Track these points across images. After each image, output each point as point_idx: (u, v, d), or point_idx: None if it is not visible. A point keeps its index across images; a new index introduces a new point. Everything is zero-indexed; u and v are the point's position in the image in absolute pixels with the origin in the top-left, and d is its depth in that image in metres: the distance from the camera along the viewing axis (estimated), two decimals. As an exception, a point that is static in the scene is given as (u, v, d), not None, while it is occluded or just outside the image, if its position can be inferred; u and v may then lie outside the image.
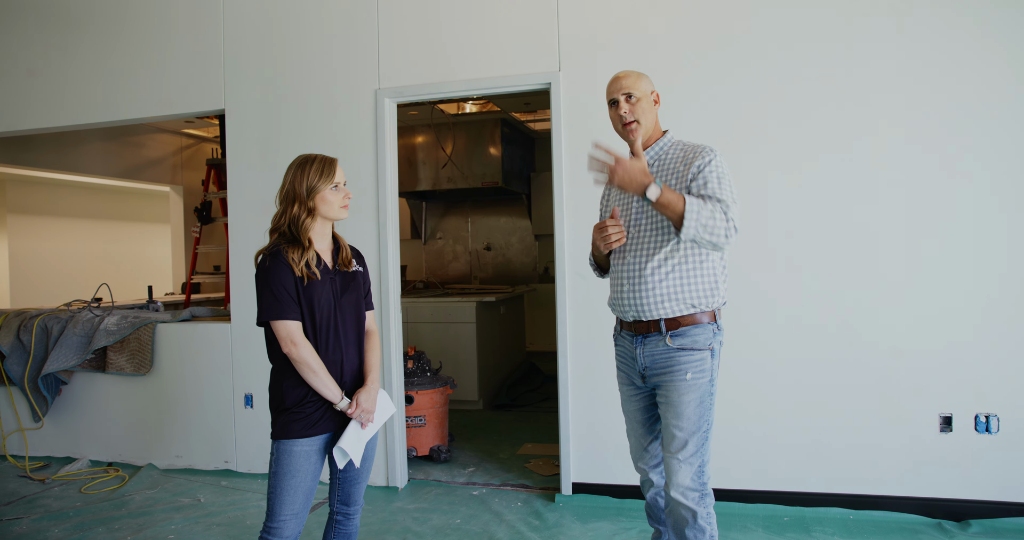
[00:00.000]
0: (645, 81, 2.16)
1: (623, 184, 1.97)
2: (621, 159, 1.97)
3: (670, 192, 1.93)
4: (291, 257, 2.01)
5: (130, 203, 8.62)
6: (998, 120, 2.98)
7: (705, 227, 1.90)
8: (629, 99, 2.14)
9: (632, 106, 2.14)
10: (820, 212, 3.16)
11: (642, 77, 2.17)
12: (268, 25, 3.90)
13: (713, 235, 1.92)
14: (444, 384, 4.23)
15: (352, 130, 3.75)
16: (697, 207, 1.90)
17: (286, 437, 2.01)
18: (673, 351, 2.07)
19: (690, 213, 1.89)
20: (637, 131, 2.14)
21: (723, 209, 1.94)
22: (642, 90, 2.14)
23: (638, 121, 2.14)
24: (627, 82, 2.15)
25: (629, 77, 2.16)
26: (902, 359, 3.07)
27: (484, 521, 3.18)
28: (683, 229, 1.91)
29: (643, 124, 2.14)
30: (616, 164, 1.97)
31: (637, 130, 2.14)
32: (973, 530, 2.90)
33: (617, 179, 1.97)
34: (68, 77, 4.28)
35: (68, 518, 3.35)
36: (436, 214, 7.95)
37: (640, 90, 2.14)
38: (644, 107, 2.14)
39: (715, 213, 1.92)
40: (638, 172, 1.95)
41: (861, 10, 3.10)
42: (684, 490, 2.05)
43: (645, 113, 2.14)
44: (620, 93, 2.15)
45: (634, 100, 2.14)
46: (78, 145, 5.95)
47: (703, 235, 1.92)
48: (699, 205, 1.91)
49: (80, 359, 4.13)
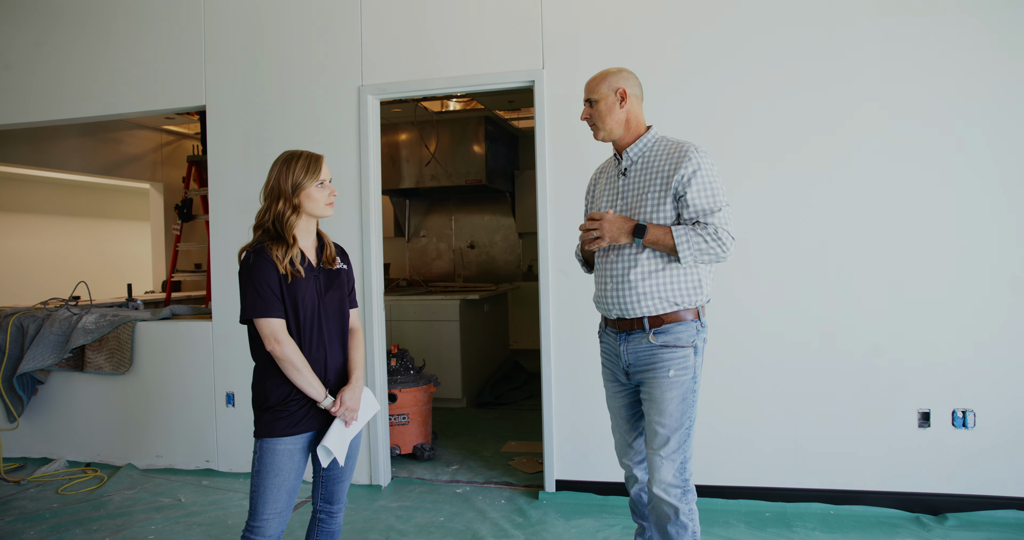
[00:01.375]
0: (608, 82, 2.17)
1: (614, 237, 2.07)
2: (604, 216, 2.08)
3: (655, 229, 2.03)
4: (275, 254, 1.99)
5: (109, 200, 8.49)
6: (975, 121, 3.02)
7: (701, 252, 2.00)
8: (591, 104, 2.19)
9: (590, 110, 2.19)
10: (803, 214, 3.19)
11: (607, 77, 2.18)
12: (250, 20, 3.86)
13: (711, 255, 2.01)
14: (427, 382, 4.22)
15: (335, 127, 3.72)
16: (686, 238, 1.99)
17: (269, 435, 1.99)
18: (656, 348, 2.08)
19: (681, 246, 2.00)
20: (598, 134, 2.21)
21: (714, 229, 1.99)
22: (601, 93, 2.16)
23: (596, 125, 2.20)
24: (589, 86, 2.20)
25: (593, 80, 2.21)
26: (882, 356, 3.11)
27: (467, 519, 3.18)
28: (681, 259, 2.01)
29: (603, 128, 2.19)
30: (602, 220, 2.08)
31: (597, 133, 2.21)
32: (950, 523, 2.95)
33: (607, 234, 2.07)
34: (43, 71, 4.21)
35: (44, 520, 3.30)
36: (420, 212, 7.93)
37: (599, 93, 2.16)
38: (602, 110, 2.17)
39: (706, 238, 1.99)
40: (622, 221, 2.07)
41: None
42: (666, 486, 2.06)
43: (603, 117, 2.18)
44: (584, 97, 2.22)
45: (592, 104, 2.18)
46: (55, 141, 5.85)
47: (702, 259, 2.02)
48: (687, 235, 1.99)
49: (57, 358, 4.07)
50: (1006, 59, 2.99)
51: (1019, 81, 2.98)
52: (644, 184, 2.13)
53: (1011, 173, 3.00)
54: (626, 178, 2.19)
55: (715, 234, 1.99)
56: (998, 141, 3.01)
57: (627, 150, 2.19)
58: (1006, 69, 2.99)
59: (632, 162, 2.19)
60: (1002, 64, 2.99)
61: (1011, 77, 2.99)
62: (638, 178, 2.16)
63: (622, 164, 2.21)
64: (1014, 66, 2.98)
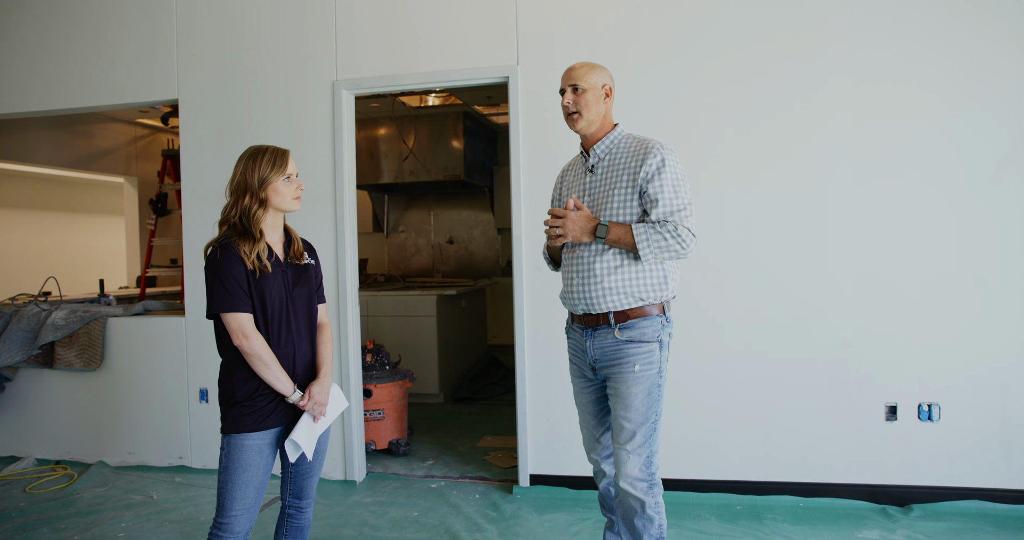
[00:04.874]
0: (597, 74, 2.17)
1: (575, 236, 2.09)
2: (568, 213, 2.10)
3: (616, 228, 2.05)
4: (242, 249, 1.98)
5: (82, 194, 8.35)
6: (943, 123, 3.07)
7: (661, 249, 2.02)
8: (575, 90, 2.16)
9: (576, 97, 2.16)
10: (775, 210, 3.23)
11: (595, 69, 2.18)
12: (223, 12, 3.82)
13: (671, 252, 2.03)
14: (403, 377, 4.21)
15: (309, 122, 3.70)
16: (646, 236, 2.01)
17: (237, 431, 1.99)
18: (622, 343, 2.09)
19: (641, 243, 2.02)
20: (578, 122, 2.17)
21: (674, 227, 2.01)
22: (591, 82, 2.15)
23: (580, 113, 2.16)
24: (577, 73, 2.17)
25: (581, 68, 2.18)
26: (850, 350, 3.16)
27: (441, 514, 3.18)
28: (642, 256, 2.03)
29: (585, 117, 2.16)
30: (564, 218, 2.09)
31: (578, 121, 2.17)
32: (915, 514, 3.01)
33: (569, 233, 2.09)
34: (7, 62, 4.13)
35: (11, 519, 3.25)
36: (398, 207, 7.90)
37: (588, 82, 2.15)
38: (589, 99, 2.16)
39: (665, 236, 2.01)
40: (584, 220, 2.09)
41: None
42: (633, 480, 2.08)
43: (589, 106, 2.16)
44: (568, 83, 2.17)
45: (579, 91, 2.15)
46: (23, 133, 5.72)
47: (662, 256, 2.03)
48: (647, 233, 2.01)
49: (25, 355, 4.01)
50: (969, 62, 3.04)
51: (983, 83, 3.03)
52: (611, 181, 2.14)
53: (975, 172, 3.05)
54: (593, 175, 2.20)
55: (675, 232, 2.01)
56: (964, 142, 3.06)
57: (594, 147, 2.20)
58: (972, 72, 3.04)
59: (599, 159, 2.20)
60: (967, 68, 3.04)
61: (978, 79, 3.04)
62: (605, 175, 2.17)
63: (589, 161, 2.22)
64: (977, 69, 3.04)
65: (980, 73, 3.04)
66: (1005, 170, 3.03)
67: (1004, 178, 3.03)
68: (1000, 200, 3.04)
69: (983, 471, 3.06)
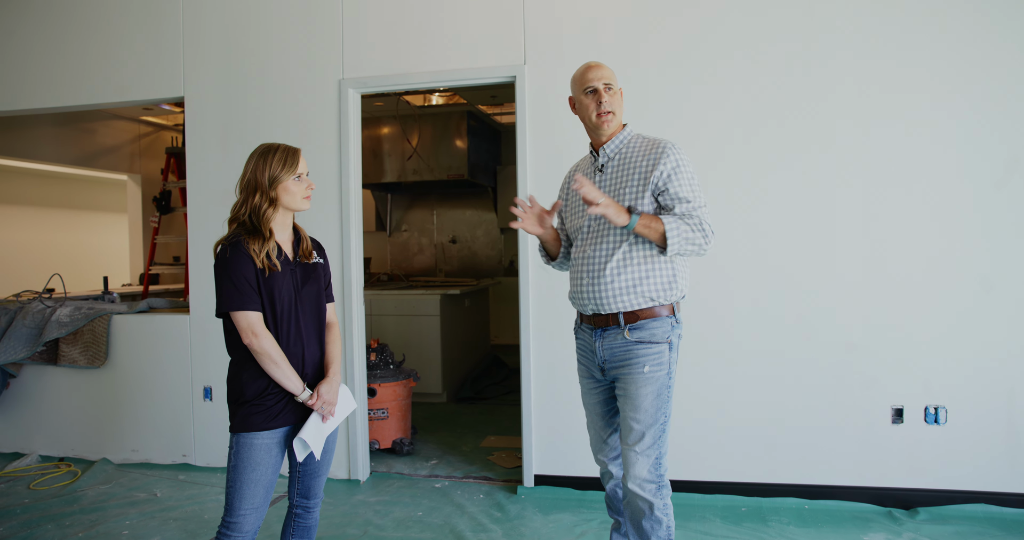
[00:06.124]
0: (615, 76, 2.19)
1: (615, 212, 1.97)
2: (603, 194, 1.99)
3: (646, 215, 2.01)
4: (252, 248, 1.98)
5: (85, 191, 8.35)
6: (955, 124, 3.07)
7: (687, 241, 2.01)
8: (609, 89, 2.15)
9: (611, 97, 2.15)
10: (782, 211, 3.22)
11: (613, 72, 2.19)
12: (230, 10, 3.81)
13: (695, 246, 2.02)
14: (407, 377, 4.21)
15: (315, 120, 3.69)
16: (675, 225, 2.00)
17: (246, 430, 1.98)
18: (631, 344, 2.09)
19: (671, 232, 1.99)
20: (612, 122, 2.16)
21: (698, 221, 2.02)
22: (617, 83, 2.18)
23: (614, 112, 2.16)
24: (607, 72, 2.17)
25: (608, 68, 2.18)
26: (856, 353, 3.16)
27: (446, 513, 3.18)
28: (668, 248, 2.00)
29: (617, 116, 2.17)
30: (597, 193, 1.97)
31: (611, 121, 2.16)
32: (921, 517, 3.00)
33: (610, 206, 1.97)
34: (13, 60, 4.12)
35: (15, 515, 3.25)
36: (401, 206, 7.89)
37: (616, 82, 2.17)
38: (619, 100, 2.18)
39: (692, 228, 2.01)
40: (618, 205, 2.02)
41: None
42: (641, 482, 2.07)
43: (620, 105, 2.18)
44: (600, 82, 2.14)
45: (612, 91, 2.16)
46: (28, 130, 5.72)
47: (686, 248, 2.02)
48: (676, 223, 2.00)
49: (30, 351, 4.01)
50: (972, 56, 3.03)
51: (992, 84, 3.03)
52: (622, 179, 2.14)
53: (984, 176, 3.04)
54: (603, 174, 2.20)
55: (699, 226, 2.02)
56: (973, 144, 3.05)
57: (604, 146, 2.20)
58: (977, 73, 3.03)
59: (609, 158, 2.20)
60: (971, 71, 3.04)
61: (986, 79, 3.03)
62: (615, 174, 2.16)
63: (599, 160, 2.22)
64: (983, 70, 3.03)
65: (986, 73, 3.02)
66: (1014, 173, 3.02)
67: (1012, 181, 3.02)
68: (1008, 203, 3.03)
69: (990, 475, 3.05)
